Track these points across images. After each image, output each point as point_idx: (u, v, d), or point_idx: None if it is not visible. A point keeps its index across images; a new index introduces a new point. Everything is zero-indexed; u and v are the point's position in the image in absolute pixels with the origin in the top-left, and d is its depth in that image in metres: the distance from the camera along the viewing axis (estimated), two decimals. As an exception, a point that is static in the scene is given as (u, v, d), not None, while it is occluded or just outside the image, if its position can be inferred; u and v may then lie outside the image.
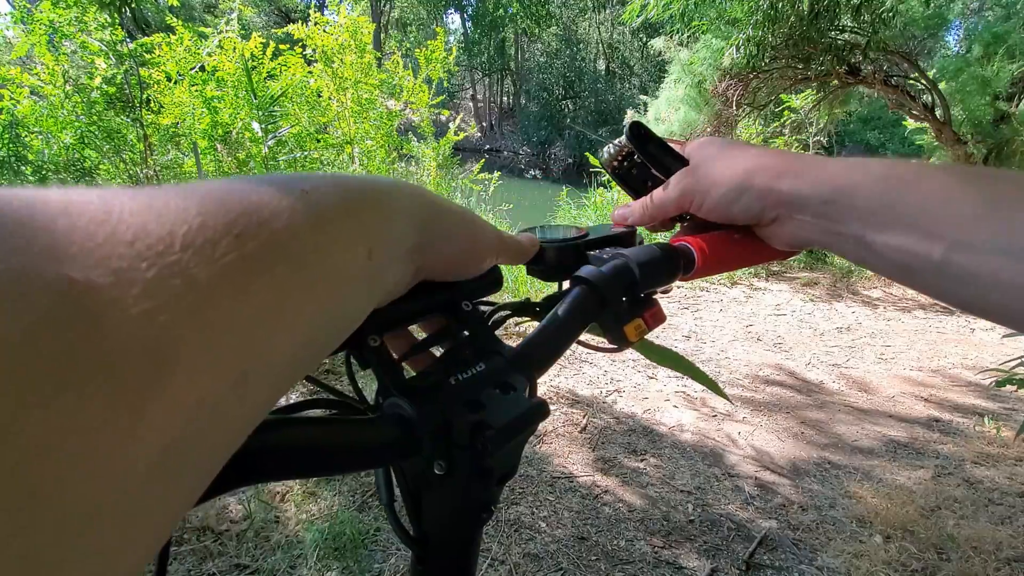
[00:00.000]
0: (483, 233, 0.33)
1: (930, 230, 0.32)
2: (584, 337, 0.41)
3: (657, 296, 0.44)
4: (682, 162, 0.46)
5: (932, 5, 5.20)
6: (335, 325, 0.21)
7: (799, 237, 0.41)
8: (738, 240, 0.46)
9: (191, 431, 0.14)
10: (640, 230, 0.49)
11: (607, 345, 0.42)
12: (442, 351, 0.37)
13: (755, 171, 0.41)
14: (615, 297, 0.39)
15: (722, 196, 0.42)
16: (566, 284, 0.41)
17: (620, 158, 0.49)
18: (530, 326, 0.40)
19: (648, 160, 0.47)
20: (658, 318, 0.42)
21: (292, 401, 0.31)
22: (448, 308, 0.36)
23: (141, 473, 0.13)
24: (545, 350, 0.36)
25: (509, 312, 0.42)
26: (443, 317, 0.37)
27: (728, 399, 1.02)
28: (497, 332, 0.39)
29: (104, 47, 3.12)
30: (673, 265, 0.42)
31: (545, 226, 0.46)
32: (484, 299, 0.39)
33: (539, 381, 0.36)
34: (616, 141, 0.47)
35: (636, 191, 0.50)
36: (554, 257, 0.42)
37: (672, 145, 0.47)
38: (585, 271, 0.39)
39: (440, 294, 0.36)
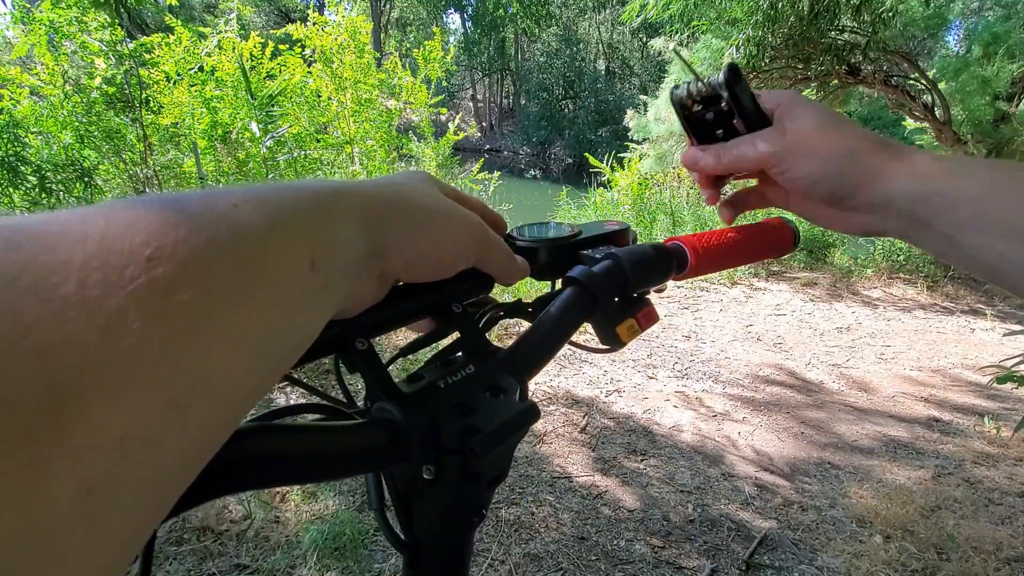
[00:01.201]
0: (455, 234, 0.31)
1: (1022, 235, 0.33)
2: (576, 337, 0.40)
3: (651, 296, 0.43)
4: (766, 121, 0.44)
5: (932, 5, 5.20)
6: (283, 341, 0.20)
7: (873, 227, 0.40)
8: (732, 239, 0.46)
9: (122, 466, 0.14)
10: (634, 228, 0.47)
11: (599, 346, 0.42)
12: (432, 353, 0.36)
13: (858, 153, 0.39)
14: (607, 297, 0.39)
15: (816, 168, 0.40)
16: (559, 283, 0.41)
17: (701, 99, 0.45)
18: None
19: (738, 110, 0.44)
20: (651, 318, 0.41)
21: (282, 405, 0.31)
22: (437, 310, 0.36)
23: (59, 517, 0.12)
24: (536, 352, 0.35)
25: (500, 313, 0.41)
26: (433, 319, 0.37)
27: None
28: (492, 333, 0.39)
29: (104, 47, 3.11)
30: (666, 264, 0.42)
31: (535, 224, 0.45)
32: (475, 300, 0.39)
33: (538, 381, 0.36)
34: (706, 79, 0.44)
35: (701, 138, 0.47)
36: (547, 257, 0.41)
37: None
38: (577, 271, 0.38)
39: (429, 296, 0.35)
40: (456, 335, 0.36)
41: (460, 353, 0.35)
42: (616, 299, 0.40)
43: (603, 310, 0.39)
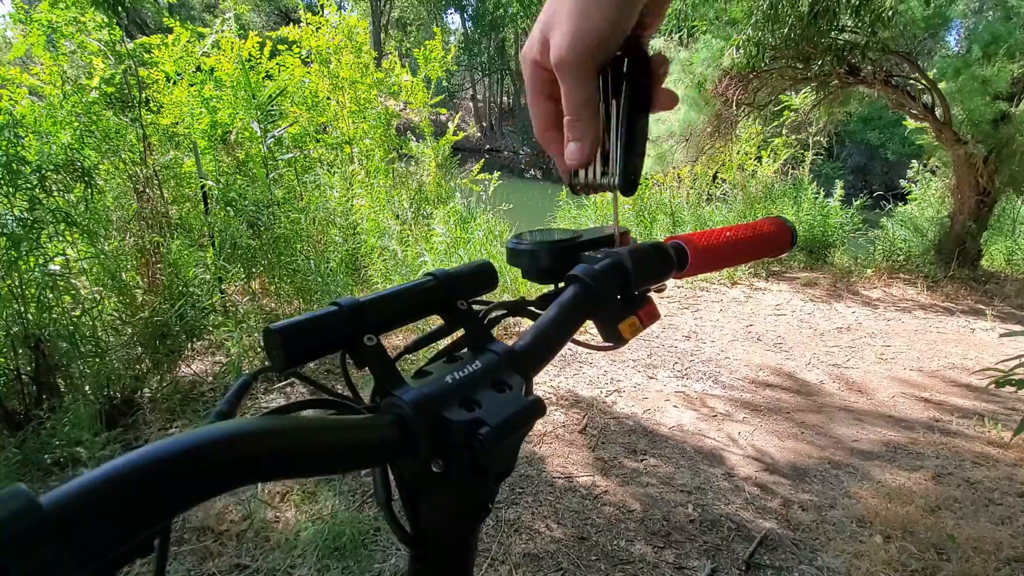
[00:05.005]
0: None
1: None
2: (578, 335, 0.41)
3: (652, 295, 0.44)
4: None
5: (932, 5, 5.19)
6: None
7: None
8: (731, 237, 0.47)
9: None
10: (633, 231, 0.48)
11: (602, 343, 0.43)
12: (439, 350, 0.37)
13: None
14: (609, 294, 0.39)
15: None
16: (562, 284, 0.42)
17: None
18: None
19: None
20: (652, 316, 0.42)
21: (291, 401, 0.31)
22: (443, 307, 0.37)
23: None
24: (540, 348, 0.36)
25: (505, 311, 0.42)
26: (439, 316, 0.37)
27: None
28: (495, 331, 0.40)
29: (102, 47, 3.11)
30: (667, 262, 0.43)
31: (536, 230, 0.46)
32: (479, 298, 0.40)
33: (538, 381, 0.36)
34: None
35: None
36: (549, 260, 0.42)
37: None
38: (579, 269, 0.39)
39: (435, 293, 0.36)
40: (461, 332, 0.37)
41: (465, 350, 0.36)
42: (618, 297, 0.40)
43: (605, 308, 0.39)
